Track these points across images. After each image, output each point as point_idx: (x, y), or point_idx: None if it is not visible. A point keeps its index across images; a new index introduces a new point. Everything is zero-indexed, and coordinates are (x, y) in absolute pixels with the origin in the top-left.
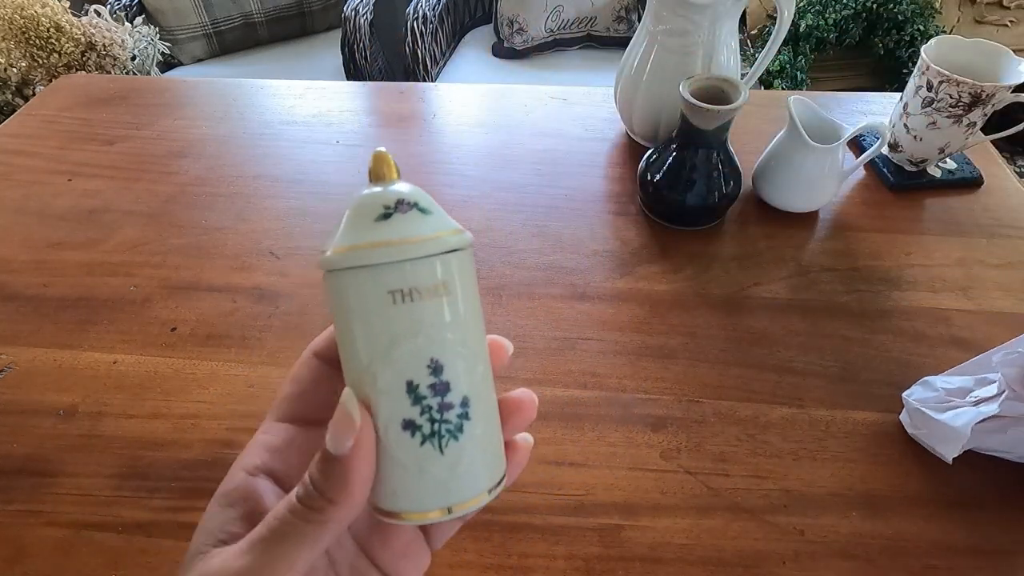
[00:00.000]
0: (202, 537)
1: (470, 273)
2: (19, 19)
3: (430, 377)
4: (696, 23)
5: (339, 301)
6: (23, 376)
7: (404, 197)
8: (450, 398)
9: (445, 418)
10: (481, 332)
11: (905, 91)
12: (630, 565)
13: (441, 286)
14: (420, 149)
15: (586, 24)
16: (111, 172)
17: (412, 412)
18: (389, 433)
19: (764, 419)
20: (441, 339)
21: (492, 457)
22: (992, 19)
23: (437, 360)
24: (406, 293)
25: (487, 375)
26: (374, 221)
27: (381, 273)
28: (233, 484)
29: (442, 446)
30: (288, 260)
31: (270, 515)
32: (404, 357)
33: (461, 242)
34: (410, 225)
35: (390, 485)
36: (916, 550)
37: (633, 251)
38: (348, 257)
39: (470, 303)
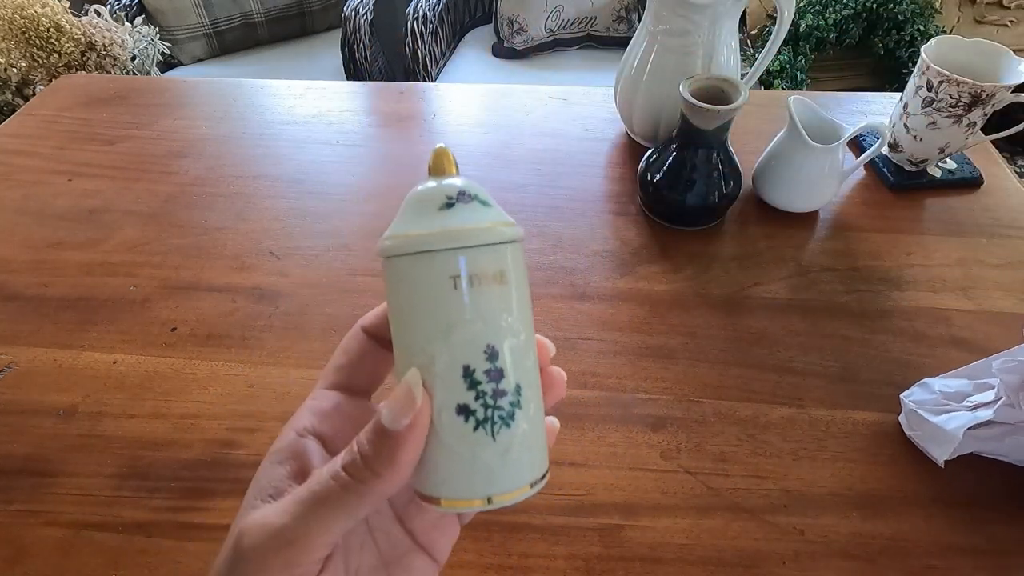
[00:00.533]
0: (253, 492)
1: (523, 265)
2: (19, 19)
3: (486, 363)
4: (696, 23)
5: (400, 286)
6: (23, 376)
7: (465, 189)
8: (504, 385)
9: (499, 404)
10: (531, 324)
11: (905, 91)
12: (630, 565)
13: (499, 274)
14: (420, 149)
15: (586, 24)
16: (111, 172)
17: (467, 397)
18: (442, 417)
19: (764, 419)
20: (497, 326)
21: (538, 449)
22: (992, 19)
23: (493, 346)
24: (467, 279)
25: (536, 366)
26: (437, 210)
27: (444, 259)
28: (284, 443)
29: (494, 432)
30: (288, 260)
31: (313, 477)
32: (462, 342)
33: (517, 234)
34: (472, 215)
35: (436, 469)
36: (916, 550)
37: (633, 251)
38: (412, 242)
39: (523, 293)
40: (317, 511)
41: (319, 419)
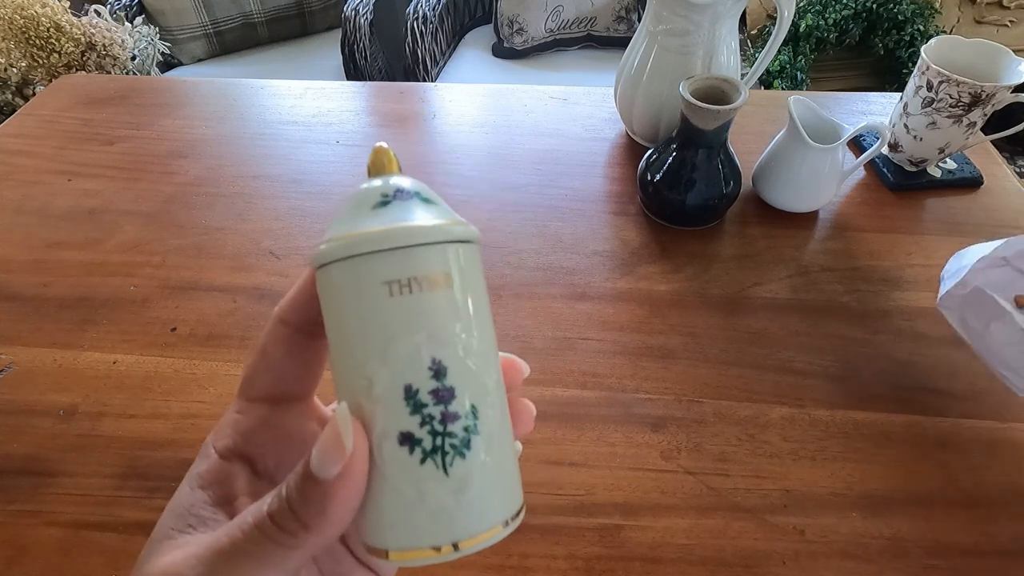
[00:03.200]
0: (170, 519)
1: (477, 270)
2: (19, 19)
3: (432, 381)
4: (696, 23)
5: (330, 298)
6: (23, 376)
7: (404, 187)
8: (455, 407)
9: (450, 431)
10: (492, 337)
11: (905, 91)
12: (630, 565)
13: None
14: (420, 149)
15: (586, 24)
16: (111, 172)
17: (411, 423)
18: (383, 449)
19: (764, 419)
20: (444, 337)
21: (506, 482)
22: (992, 19)
23: (440, 361)
24: (403, 284)
25: (499, 386)
26: (371, 209)
27: (375, 261)
28: (205, 466)
29: (446, 465)
30: (288, 260)
31: (234, 523)
32: (402, 357)
33: (466, 234)
34: (409, 212)
35: (381, 514)
36: (916, 550)
37: (633, 251)
38: (339, 247)
39: (478, 301)
40: (237, 563)
41: (242, 438)
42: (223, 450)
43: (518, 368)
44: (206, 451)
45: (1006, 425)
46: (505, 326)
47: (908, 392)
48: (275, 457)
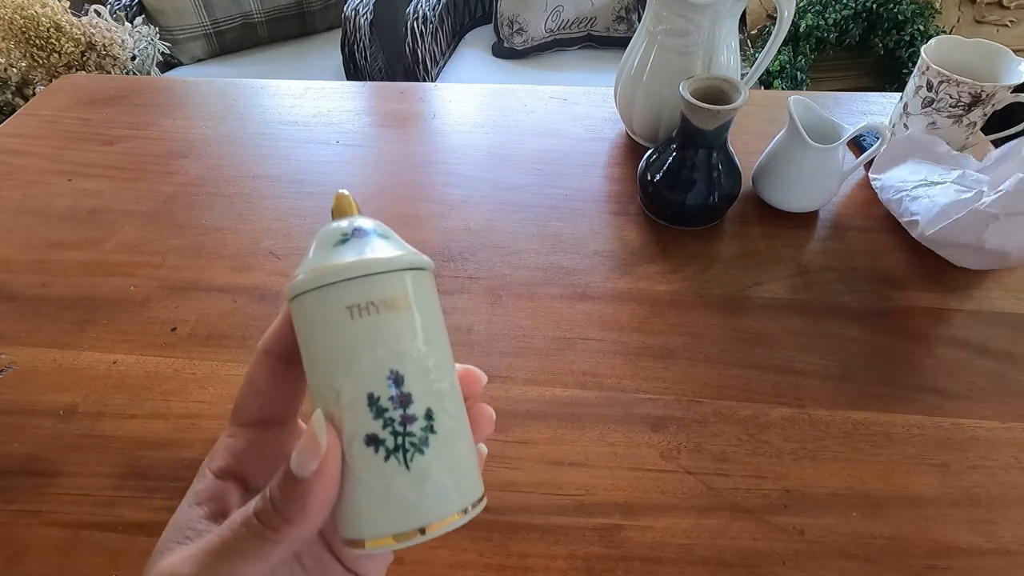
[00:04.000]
0: (169, 533)
1: (430, 293)
2: (19, 19)
3: (391, 389)
4: (696, 23)
5: (304, 325)
6: (23, 376)
7: (361, 225)
8: (413, 410)
9: (409, 431)
10: (447, 352)
11: (905, 91)
12: (630, 565)
13: (398, 299)
14: (420, 149)
15: (586, 24)
16: (111, 172)
17: (375, 426)
18: (352, 450)
19: (764, 419)
20: (400, 351)
21: (464, 475)
22: (992, 19)
23: (397, 371)
24: (363, 307)
25: (454, 391)
26: (332, 247)
27: (338, 291)
28: (202, 485)
29: (407, 460)
30: (288, 260)
31: (225, 525)
32: (364, 370)
33: (417, 262)
34: (365, 246)
35: (354, 508)
36: (916, 550)
37: (633, 251)
38: (307, 280)
39: (430, 320)
40: (228, 559)
41: (234, 459)
42: (217, 470)
43: (476, 377)
44: (202, 472)
45: (1006, 425)
46: (505, 326)
47: (908, 392)
48: (264, 475)
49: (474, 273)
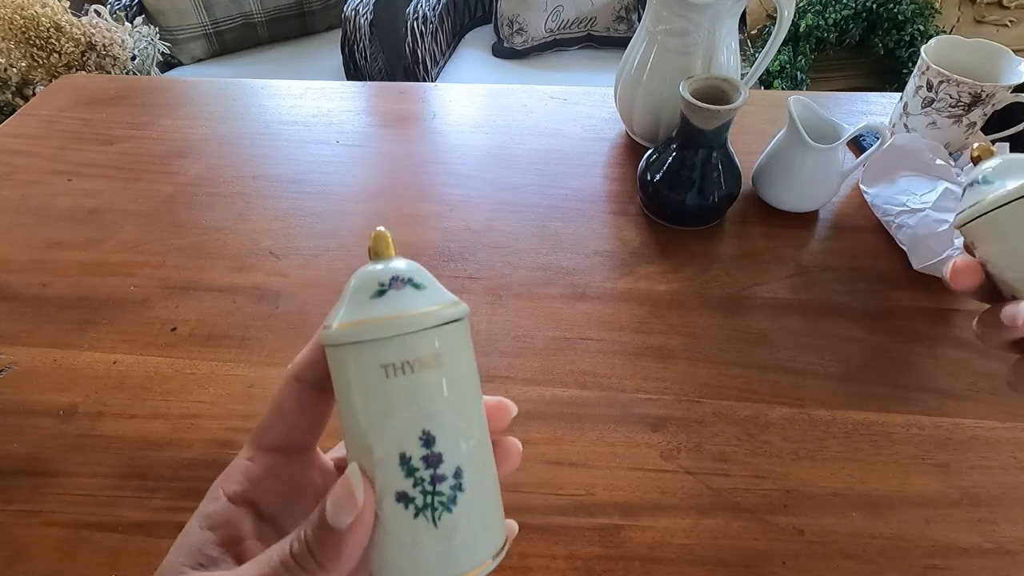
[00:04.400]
0: (180, 555)
1: (464, 344)
2: (19, 19)
3: (422, 449)
4: (696, 23)
5: (338, 375)
6: (23, 376)
7: (399, 274)
8: (443, 470)
9: (438, 490)
10: (478, 401)
11: (905, 91)
12: (630, 565)
13: (432, 359)
14: (420, 149)
15: (586, 24)
16: (111, 172)
17: (405, 484)
18: (383, 505)
19: (764, 419)
20: (433, 411)
21: (490, 525)
22: (992, 19)
23: (429, 432)
24: (398, 367)
25: (483, 443)
26: (369, 298)
27: (374, 348)
28: (215, 507)
29: (435, 519)
30: (288, 260)
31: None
32: (397, 429)
33: (454, 314)
34: (403, 301)
35: (385, 557)
36: (916, 550)
37: (633, 251)
38: (344, 333)
39: (464, 374)
40: None
41: (251, 484)
42: (232, 495)
43: (506, 410)
44: (215, 494)
45: (1006, 425)
46: (505, 326)
47: (908, 392)
48: (279, 503)
49: (474, 273)
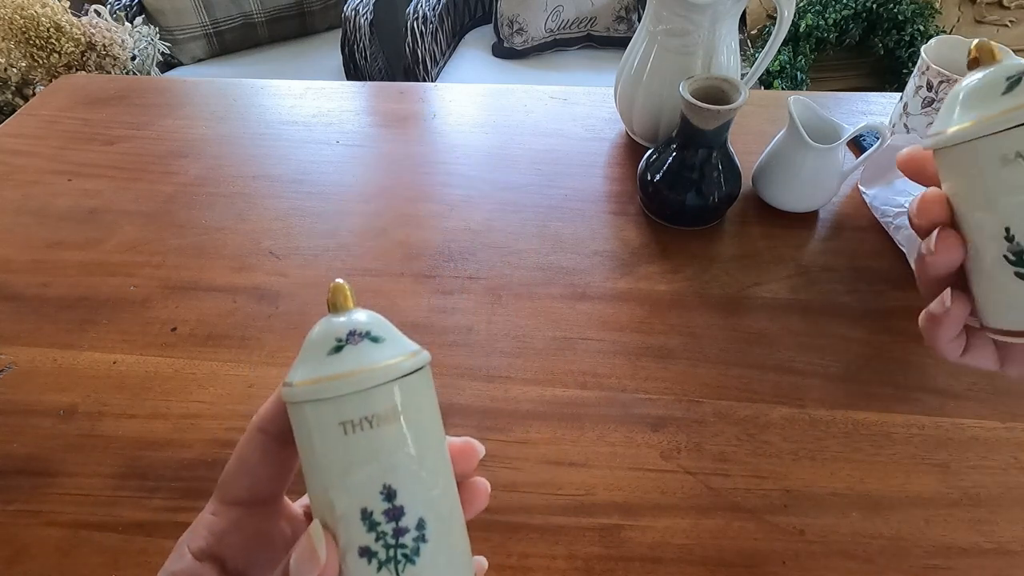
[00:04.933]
0: None
1: (424, 393)
2: (19, 19)
3: (384, 503)
4: (696, 23)
5: (299, 432)
6: (23, 376)
7: (356, 328)
8: (405, 522)
9: (401, 543)
10: (441, 449)
11: (905, 91)
12: (630, 565)
13: (391, 413)
14: (420, 149)
15: (586, 24)
16: (111, 172)
17: (368, 539)
18: (347, 561)
19: (764, 419)
20: (395, 464)
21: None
22: (992, 19)
23: (390, 486)
24: (357, 423)
25: (447, 490)
26: (327, 355)
27: (332, 406)
28: (180, 566)
29: (399, 571)
30: (288, 260)
31: None
32: (358, 485)
33: (413, 364)
34: (359, 357)
35: None
36: (916, 550)
37: (633, 251)
38: (303, 391)
39: (426, 424)
40: None
41: (216, 539)
42: (197, 551)
43: (472, 452)
44: (180, 551)
45: (1006, 425)
46: (505, 326)
47: (908, 392)
48: (245, 557)
49: (474, 273)
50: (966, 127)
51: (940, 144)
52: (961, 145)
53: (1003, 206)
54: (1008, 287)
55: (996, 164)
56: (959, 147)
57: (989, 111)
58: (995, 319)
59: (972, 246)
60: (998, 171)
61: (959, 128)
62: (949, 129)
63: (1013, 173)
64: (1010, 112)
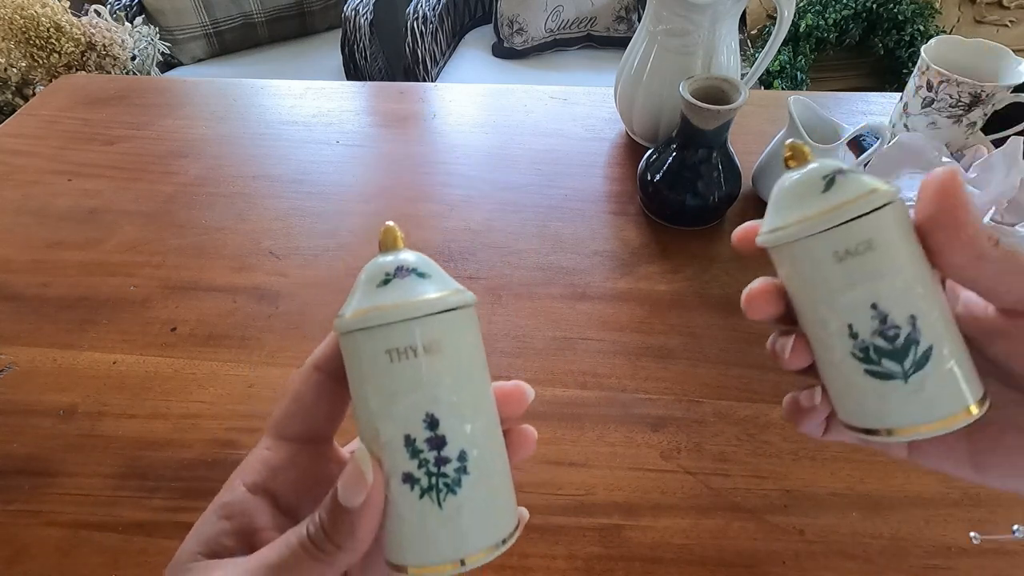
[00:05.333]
0: (196, 544)
1: (470, 331)
2: (19, 19)
3: (426, 431)
4: (696, 23)
5: (349, 361)
6: (23, 376)
7: (404, 264)
8: (446, 452)
9: (442, 472)
10: (484, 387)
11: (905, 91)
12: (630, 565)
13: (435, 344)
14: (420, 149)
15: (586, 24)
16: (111, 172)
17: (411, 466)
18: (392, 486)
19: (764, 419)
20: (436, 395)
21: (498, 510)
22: (992, 19)
23: (432, 415)
24: (402, 352)
25: (490, 428)
26: (376, 287)
27: (379, 334)
28: (232, 497)
29: (440, 500)
30: (288, 260)
31: (281, 542)
32: (402, 412)
33: (457, 301)
34: (406, 289)
35: (395, 537)
36: (916, 550)
37: (633, 251)
38: (352, 321)
39: (469, 360)
40: None
41: (270, 474)
42: (251, 484)
43: (521, 396)
44: (233, 484)
45: None
46: (505, 326)
47: None
48: (296, 494)
49: (474, 273)
50: (798, 225)
51: (772, 243)
52: (795, 243)
53: (842, 304)
54: (859, 384)
55: (830, 262)
56: (793, 245)
57: (818, 208)
58: (847, 415)
59: (819, 341)
60: (832, 268)
61: (790, 226)
62: (781, 226)
63: (847, 270)
64: (839, 209)
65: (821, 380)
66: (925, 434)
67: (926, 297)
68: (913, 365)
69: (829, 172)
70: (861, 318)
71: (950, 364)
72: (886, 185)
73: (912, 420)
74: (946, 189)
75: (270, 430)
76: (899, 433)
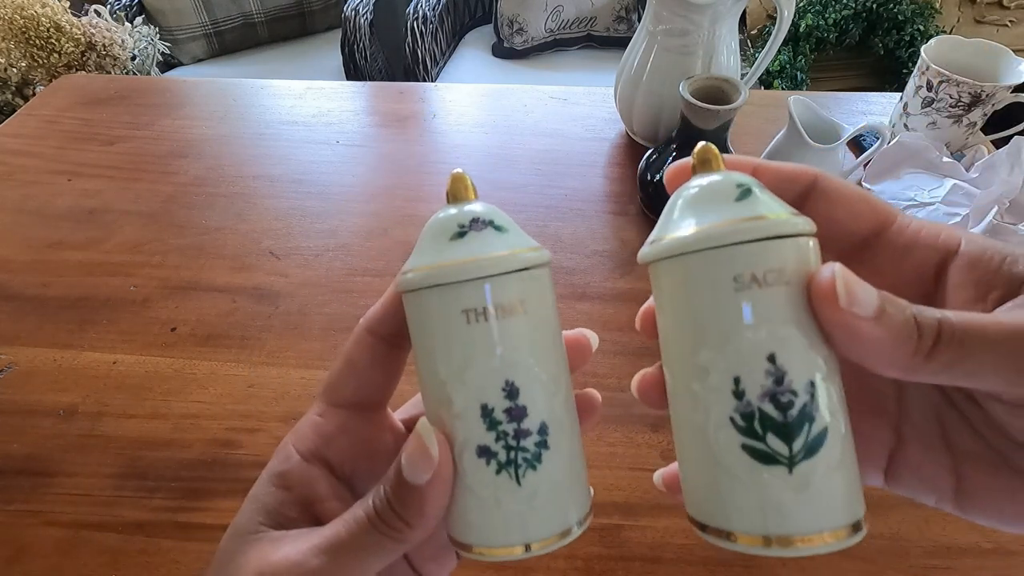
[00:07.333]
0: (258, 514)
1: (548, 291)
2: (19, 19)
3: (505, 401)
4: (696, 23)
5: (416, 321)
6: (23, 376)
7: (479, 215)
8: (527, 424)
9: (522, 446)
10: (562, 354)
11: (905, 91)
12: (630, 565)
13: (516, 305)
14: (420, 149)
15: (586, 24)
16: (111, 172)
17: (487, 438)
18: (464, 459)
19: None
20: (517, 360)
21: (575, 489)
22: (992, 19)
23: (512, 383)
24: (480, 312)
25: (568, 399)
26: (449, 240)
27: (454, 292)
28: (289, 466)
29: (519, 476)
30: (288, 260)
31: (348, 518)
32: (478, 378)
33: (538, 259)
34: (484, 243)
35: (464, 514)
36: (916, 550)
37: (633, 251)
38: (424, 277)
39: (548, 323)
40: (355, 556)
41: (324, 441)
42: (306, 452)
43: (586, 345)
44: (286, 451)
45: None
46: None
47: None
48: (352, 463)
49: None
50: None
51: (661, 255)
52: (690, 257)
53: (734, 349)
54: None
55: (729, 288)
56: (688, 259)
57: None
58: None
59: (686, 395)
60: (730, 298)
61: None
62: (676, 236)
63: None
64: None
65: (676, 452)
66: (793, 551)
67: (828, 361)
68: (803, 449)
69: (745, 182)
70: (753, 372)
71: (844, 457)
72: (807, 219)
73: (789, 526)
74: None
75: (322, 396)
76: (757, 543)
